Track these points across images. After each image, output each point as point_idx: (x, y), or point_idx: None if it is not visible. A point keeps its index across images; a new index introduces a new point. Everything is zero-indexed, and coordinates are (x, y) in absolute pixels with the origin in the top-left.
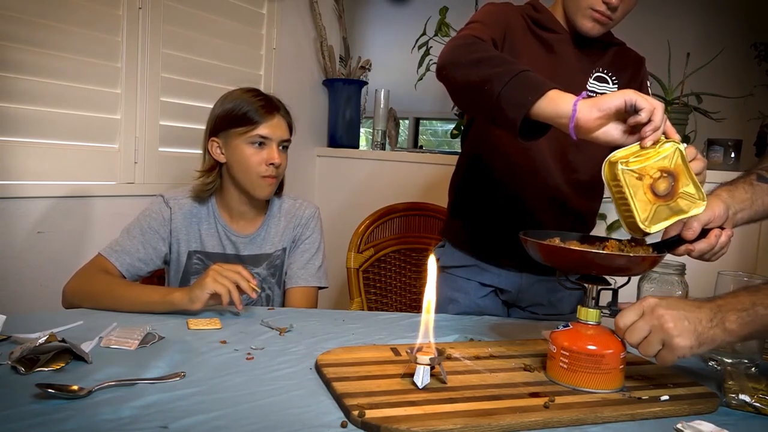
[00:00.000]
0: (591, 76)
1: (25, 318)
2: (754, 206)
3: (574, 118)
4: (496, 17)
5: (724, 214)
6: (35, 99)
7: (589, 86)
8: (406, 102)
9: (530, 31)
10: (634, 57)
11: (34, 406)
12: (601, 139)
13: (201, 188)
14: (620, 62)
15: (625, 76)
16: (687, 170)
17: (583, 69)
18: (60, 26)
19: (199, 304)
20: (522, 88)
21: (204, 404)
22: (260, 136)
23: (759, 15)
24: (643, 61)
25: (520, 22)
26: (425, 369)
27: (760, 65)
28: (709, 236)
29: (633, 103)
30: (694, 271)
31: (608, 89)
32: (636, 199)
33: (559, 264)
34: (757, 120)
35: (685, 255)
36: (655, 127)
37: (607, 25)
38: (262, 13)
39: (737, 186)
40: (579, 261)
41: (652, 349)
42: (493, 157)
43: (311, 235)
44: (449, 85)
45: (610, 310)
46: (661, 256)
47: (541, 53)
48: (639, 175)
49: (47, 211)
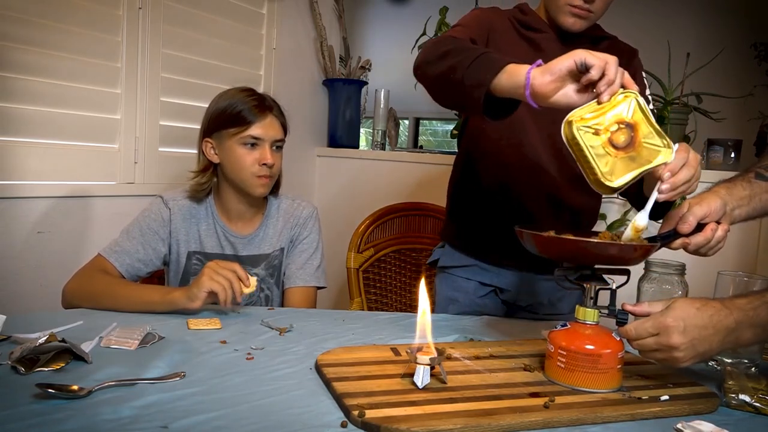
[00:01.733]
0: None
1: (25, 318)
2: (752, 203)
3: (528, 85)
4: (479, 20)
5: (721, 210)
6: (35, 99)
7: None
8: (406, 102)
9: (517, 33)
10: (627, 49)
11: (34, 406)
12: (561, 102)
13: (196, 188)
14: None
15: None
16: (647, 120)
17: None
18: (60, 26)
19: (198, 302)
20: (481, 68)
21: (204, 404)
22: (252, 137)
23: (759, 15)
24: (635, 53)
25: (506, 24)
26: (425, 369)
27: (760, 65)
28: (705, 230)
29: (582, 60)
30: (694, 271)
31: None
32: (595, 154)
33: (553, 254)
34: (757, 120)
35: (681, 249)
36: (608, 81)
37: (588, 19)
38: (262, 13)
39: (735, 183)
40: (572, 250)
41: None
42: (487, 156)
43: (309, 234)
44: (424, 83)
45: (608, 310)
46: (653, 246)
47: (529, 52)
48: (595, 130)
49: (47, 211)
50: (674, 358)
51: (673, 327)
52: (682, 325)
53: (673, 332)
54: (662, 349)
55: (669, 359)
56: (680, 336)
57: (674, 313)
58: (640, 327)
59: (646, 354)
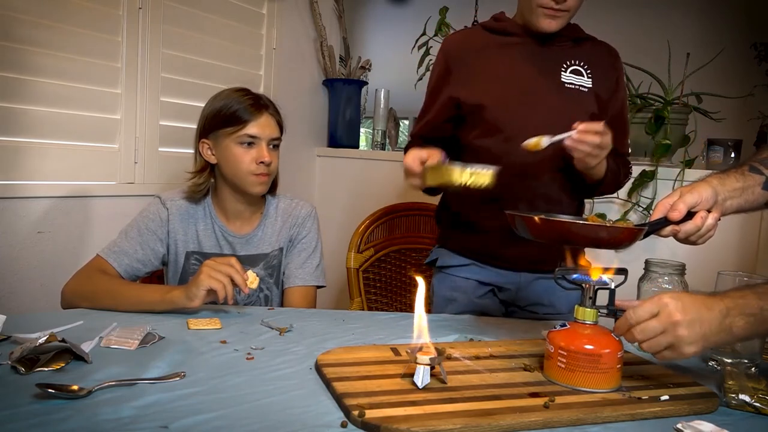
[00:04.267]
0: (566, 69)
1: (25, 318)
2: (744, 195)
3: None
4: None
5: (712, 199)
6: (35, 99)
7: (564, 78)
8: (406, 102)
9: (495, 45)
10: (608, 51)
11: (34, 406)
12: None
13: (194, 189)
14: (595, 56)
15: (599, 69)
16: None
17: (553, 65)
18: (60, 26)
19: (197, 301)
20: None
21: (204, 404)
22: (249, 136)
23: (759, 15)
24: (617, 55)
25: (480, 41)
26: (425, 369)
27: (760, 65)
28: (695, 218)
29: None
30: (694, 271)
31: (584, 81)
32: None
33: (544, 237)
34: (757, 120)
35: (671, 236)
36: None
37: (562, 18)
38: (262, 13)
39: (729, 174)
40: (562, 232)
41: (657, 348)
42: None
43: (308, 234)
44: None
45: (607, 309)
46: (640, 230)
47: (503, 62)
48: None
49: (47, 211)
50: (680, 338)
51: (672, 304)
52: (680, 303)
53: (673, 309)
54: (667, 330)
55: (675, 340)
56: (681, 313)
57: (669, 293)
58: (639, 309)
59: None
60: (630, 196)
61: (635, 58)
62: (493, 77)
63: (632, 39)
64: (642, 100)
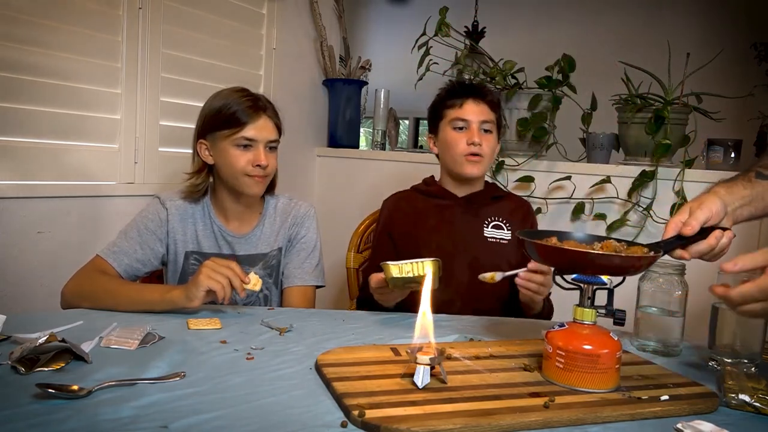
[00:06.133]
0: (488, 225)
1: (25, 318)
2: (755, 203)
3: None
4: (379, 238)
5: (722, 211)
6: (35, 99)
7: (487, 234)
8: (406, 102)
9: (425, 209)
10: (521, 204)
11: (34, 406)
12: None
13: (191, 189)
14: (510, 211)
15: (516, 220)
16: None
17: (476, 224)
18: (60, 26)
19: (197, 301)
20: None
21: (204, 404)
22: (246, 138)
23: (759, 15)
24: (529, 206)
25: (413, 207)
26: (425, 369)
27: (760, 65)
28: (709, 238)
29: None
30: (694, 271)
31: (504, 234)
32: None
33: (556, 264)
34: (757, 120)
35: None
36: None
37: (481, 163)
38: (262, 13)
39: (736, 183)
40: (576, 261)
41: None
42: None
43: (307, 234)
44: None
45: (606, 309)
46: (656, 256)
47: (438, 222)
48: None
49: (47, 211)
50: None
51: None
52: None
53: None
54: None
55: None
56: None
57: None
58: (745, 293)
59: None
60: (630, 196)
61: (635, 58)
62: (430, 231)
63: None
64: (642, 100)
